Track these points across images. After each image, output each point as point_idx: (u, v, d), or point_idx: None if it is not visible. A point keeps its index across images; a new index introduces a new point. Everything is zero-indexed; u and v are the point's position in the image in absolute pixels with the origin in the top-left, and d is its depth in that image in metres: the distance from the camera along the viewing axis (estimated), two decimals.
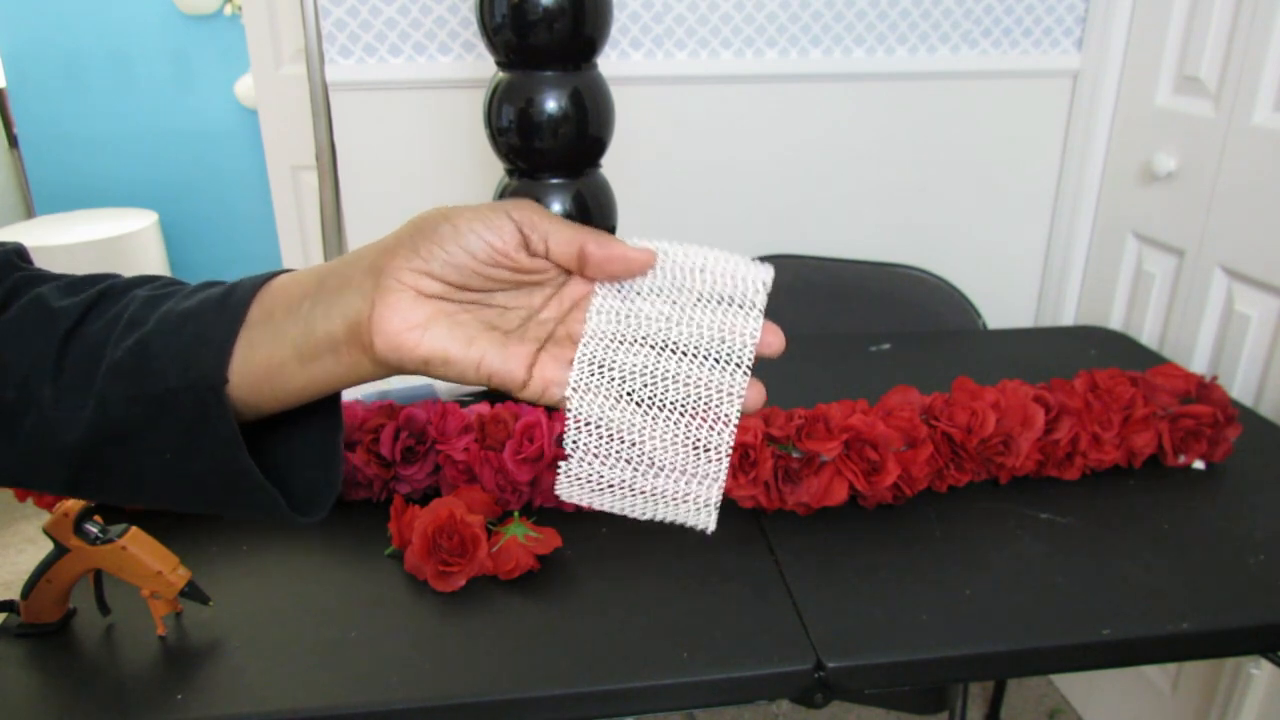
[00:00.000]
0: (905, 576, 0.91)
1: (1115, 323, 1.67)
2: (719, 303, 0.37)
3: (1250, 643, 0.87)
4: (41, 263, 0.49)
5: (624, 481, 0.37)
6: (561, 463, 0.38)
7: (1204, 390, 1.09)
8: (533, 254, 0.40)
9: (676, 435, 0.36)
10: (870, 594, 0.88)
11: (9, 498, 0.98)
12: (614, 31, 1.53)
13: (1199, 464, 1.08)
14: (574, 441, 0.38)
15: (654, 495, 0.37)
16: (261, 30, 1.87)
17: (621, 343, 0.38)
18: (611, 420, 0.37)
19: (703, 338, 0.37)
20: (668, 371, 0.37)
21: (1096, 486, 1.05)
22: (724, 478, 0.36)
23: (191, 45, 2.91)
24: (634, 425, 0.37)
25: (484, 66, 1.53)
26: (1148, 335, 1.58)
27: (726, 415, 0.36)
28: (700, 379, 0.36)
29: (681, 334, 0.37)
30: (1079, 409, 1.05)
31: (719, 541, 0.96)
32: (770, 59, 1.60)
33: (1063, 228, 1.76)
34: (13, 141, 3.11)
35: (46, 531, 0.81)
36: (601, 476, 0.37)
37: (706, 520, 0.38)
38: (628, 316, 0.38)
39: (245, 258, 3.12)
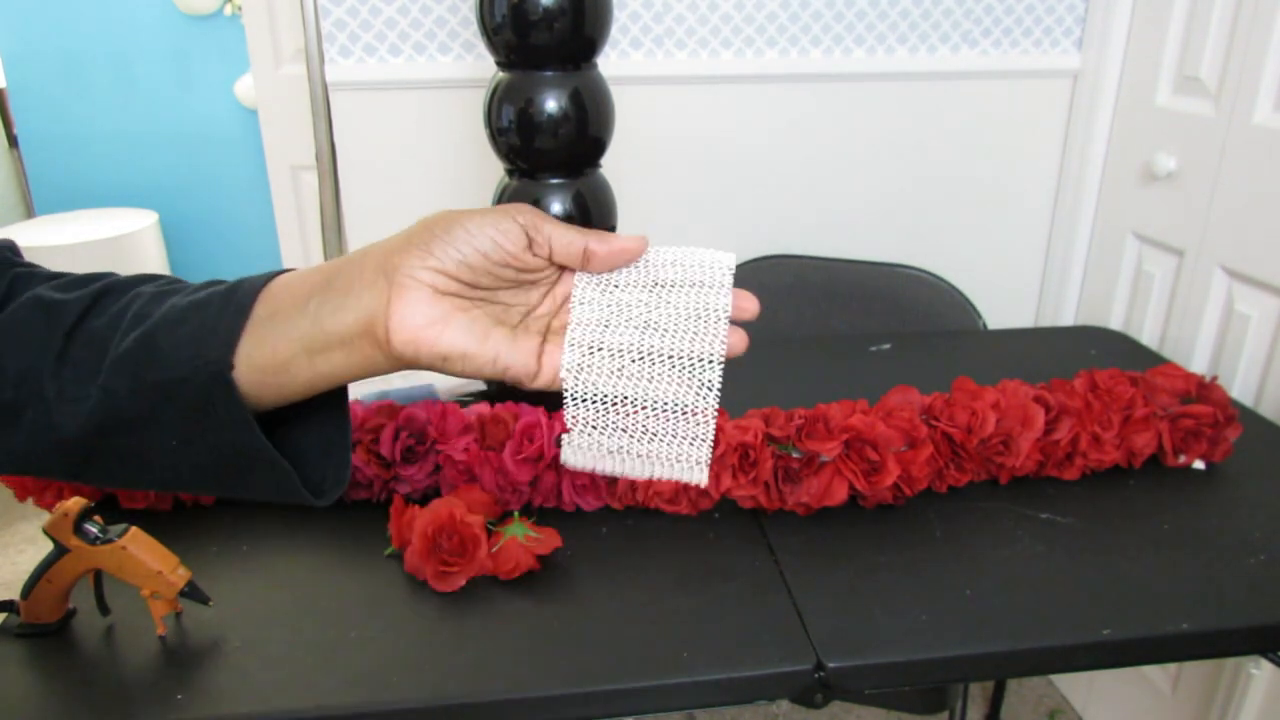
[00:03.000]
0: (905, 576, 0.91)
1: (1115, 323, 1.67)
2: (691, 286, 0.42)
3: (1250, 643, 0.87)
4: (41, 263, 0.49)
5: (622, 448, 0.42)
6: (564, 435, 0.43)
7: (1204, 390, 1.09)
8: (535, 255, 0.43)
9: (666, 403, 0.41)
10: (870, 594, 0.88)
11: (9, 498, 0.97)
12: (614, 31, 1.53)
13: (1199, 464, 1.08)
14: (573, 417, 0.42)
15: (650, 458, 0.42)
16: (261, 30, 1.87)
17: (608, 326, 0.42)
18: (606, 394, 0.41)
19: (680, 314, 0.42)
20: (653, 347, 0.41)
21: (1096, 486, 1.05)
22: (711, 436, 0.41)
23: (191, 45, 2.91)
24: (627, 397, 0.41)
25: (484, 66, 1.53)
26: (1148, 335, 1.58)
27: (709, 380, 0.41)
28: (682, 349, 0.41)
29: (661, 315, 0.42)
30: (1079, 409, 1.05)
31: (719, 541, 0.96)
32: (770, 59, 1.60)
33: (1063, 228, 1.75)
34: (13, 141, 3.11)
35: (46, 531, 0.81)
36: (601, 445, 0.42)
37: (699, 477, 0.42)
38: (610, 305, 0.43)
39: (245, 258, 3.12)
